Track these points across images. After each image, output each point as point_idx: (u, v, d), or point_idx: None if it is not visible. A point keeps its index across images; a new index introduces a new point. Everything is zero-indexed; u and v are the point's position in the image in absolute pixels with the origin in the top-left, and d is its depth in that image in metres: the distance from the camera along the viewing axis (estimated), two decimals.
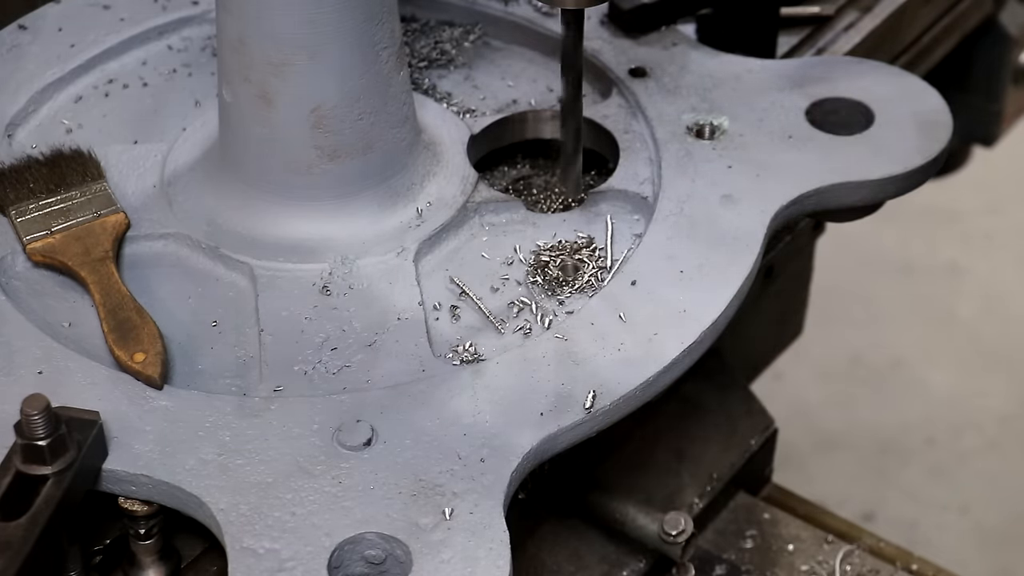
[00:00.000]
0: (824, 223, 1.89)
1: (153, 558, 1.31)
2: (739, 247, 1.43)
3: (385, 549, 1.19)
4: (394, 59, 1.45)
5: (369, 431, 1.26)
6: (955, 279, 3.36)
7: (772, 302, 1.86)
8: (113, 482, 1.25)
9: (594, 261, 1.45)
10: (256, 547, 1.18)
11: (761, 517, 1.69)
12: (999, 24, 2.16)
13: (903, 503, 2.90)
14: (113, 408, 1.27)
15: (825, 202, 1.51)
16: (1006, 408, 3.08)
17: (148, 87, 1.67)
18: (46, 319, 1.40)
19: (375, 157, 1.47)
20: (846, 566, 1.64)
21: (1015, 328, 3.23)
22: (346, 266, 1.44)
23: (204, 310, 1.43)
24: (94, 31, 1.69)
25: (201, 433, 1.26)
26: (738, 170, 1.50)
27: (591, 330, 1.35)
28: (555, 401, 1.28)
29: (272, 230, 1.46)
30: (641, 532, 1.54)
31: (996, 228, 3.47)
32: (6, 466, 1.19)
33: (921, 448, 3.02)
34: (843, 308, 3.21)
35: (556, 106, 1.63)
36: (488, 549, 1.18)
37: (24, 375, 1.31)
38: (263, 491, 1.22)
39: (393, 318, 1.40)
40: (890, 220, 2.17)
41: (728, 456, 1.70)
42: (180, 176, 1.52)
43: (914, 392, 3.12)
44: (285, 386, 1.34)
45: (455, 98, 1.64)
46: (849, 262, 3.15)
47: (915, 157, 1.52)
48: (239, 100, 1.44)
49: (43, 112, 1.64)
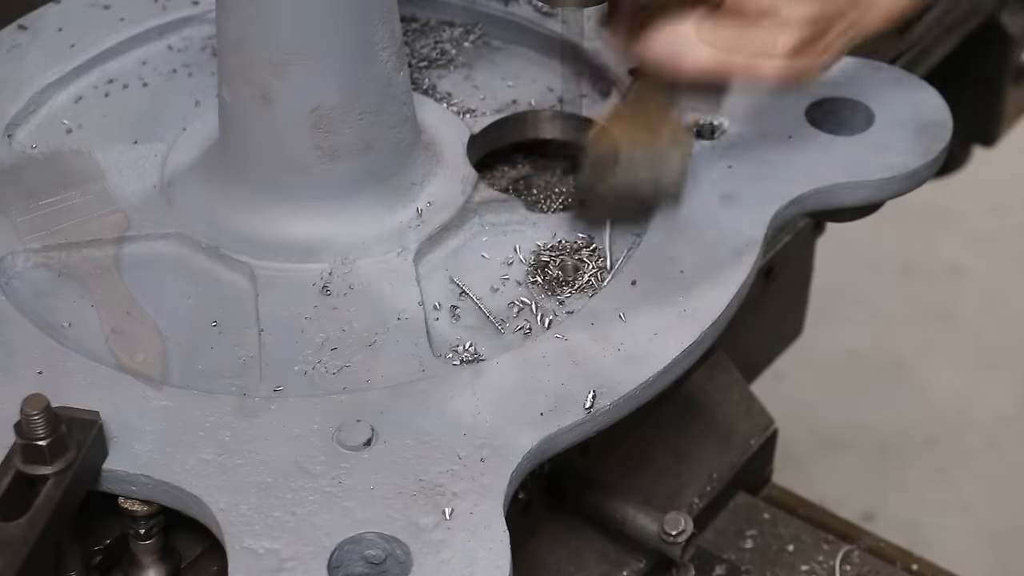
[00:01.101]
0: (824, 223, 1.89)
1: (153, 558, 1.31)
2: (739, 247, 1.43)
3: (385, 549, 1.19)
4: (394, 59, 1.45)
5: (369, 431, 1.26)
6: (955, 279, 3.36)
7: (772, 302, 1.86)
8: (113, 482, 1.25)
9: (594, 261, 1.45)
10: (256, 547, 1.18)
11: (761, 517, 1.69)
12: (999, 24, 2.16)
13: (903, 503, 2.90)
14: (113, 408, 1.27)
15: (825, 202, 1.51)
16: (1006, 408, 3.08)
17: (148, 87, 1.67)
18: (46, 319, 1.40)
19: (375, 157, 1.47)
20: (846, 566, 1.64)
21: (1015, 328, 3.23)
22: (346, 266, 1.44)
23: (204, 310, 1.43)
24: (94, 31, 1.69)
25: (201, 433, 1.26)
26: (738, 170, 1.50)
27: (591, 330, 1.35)
28: (555, 401, 1.28)
29: (272, 230, 1.46)
30: (641, 532, 1.54)
31: (996, 228, 3.47)
32: (6, 466, 1.19)
33: (921, 448, 3.02)
34: (843, 308, 3.21)
35: (556, 106, 1.63)
36: (488, 549, 1.18)
37: (24, 375, 1.31)
38: (263, 491, 1.22)
39: (393, 318, 1.40)
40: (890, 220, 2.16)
41: (728, 456, 1.70)
42: (180, 176, 1.52)
43: (914, 392, 3.12)
44: (285, 386, 1.34)
45: (455, 98, 1.64)
46: (849, 262, 3.15)
47: (915, 157, 1.52)
48: (239, 100, 1.44)
49: (43, 112, 1.64)
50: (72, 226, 1.46)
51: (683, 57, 1.31)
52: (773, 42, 1.30)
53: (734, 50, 1.30)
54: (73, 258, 1.46)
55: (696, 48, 1.30)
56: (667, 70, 1.33)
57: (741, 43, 1.30)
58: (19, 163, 1.55)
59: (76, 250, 1.46)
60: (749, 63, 1.31)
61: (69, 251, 1.46)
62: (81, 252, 1.46)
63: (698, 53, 1.30)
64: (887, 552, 1.68)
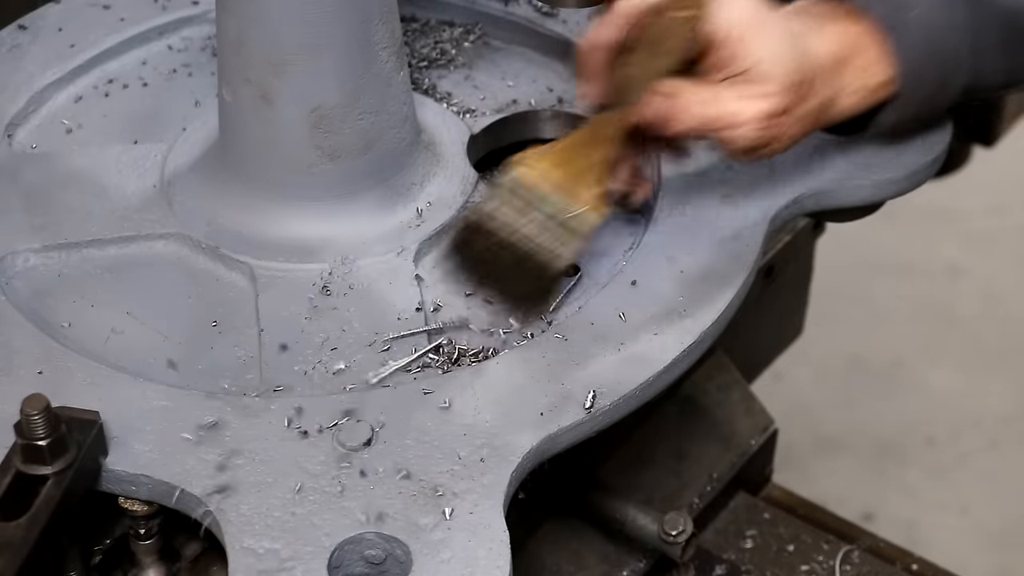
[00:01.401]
0: (824, 223, 1.89)
1: (153, 558, 1.31)
2: (739, 247, 1.43)
3: (385, 549, 1.19)
4: (394, 59, 1.45)
5: (369, 431, 1.25)
6: (955, 279, 3.36)
7: (772, 302, 1.86)
8: (113, 482, 1.25)
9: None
10: (256, 547, 1.18)
11: (761, 517, 1.69)
12: None
13: (903, 503, 2.90)
14: (113, 408, 1.27)
15: (825, 202, 1.51)
16: (1006, 408, 3.08)
17: (148, 87, 1.67)
18: (46, 319, 1.40)
19: (375, 157, 1.47)
20: (846, 566, 1.64)
21: (1015, 328, 3.23)
22: (346, 266, 1.44)
23: (204, 310, 1.43)
24: (94, 31, 1.69)
25: (201, 433, 1.26)
26: (738, 170, 1.50)
27: (591, 330, 1.35)
28: (555, 401, 1.28)
29: (272, 230, 1.46)
30: (641, 532, 1.54)
31: (996, 228, 3.47)
32: (6, 466, 1.19)
33: (921, 448, 3.02)
34: (843, 308, 3.21)
35: (556, 106, 1.63)
36: (488, 549, 1.18)
37: (24, 375, 1.31)
38: (263, 491, 1.22)
39: (393, 318, 1.40)
40: (890, 220, 2.16)
41: (728, 456, 1.70)
42: (180, 176, 1.52)
43: (914, 392, 3.12)
44: (285, 386, 1.34)
45: (455, 98, 1.64)
46: (849, 262, 3.15)
47: (915, 157, 1.52)
48: (239, 100, 1.44)
49: (43, 112, 1.64)
50: (72, 226, 1.46)
51: (675, 118, 1.34)
52: (747, 111, 1.33)
53: (713, 117, 1.34)
54: (73, 258, 1.46)
55: (688, 110, 1.34)
56: (658, 128, 1.36)
57: (720, 109, 1.34)
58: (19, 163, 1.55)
59: (76, 250, 1.46)
60: (726, 129, 1.34)
61: (69, 251, 1.46)
62: (81, 252, 1.47)
63: (688, 116, 1.34)
64: (887, 552, 1.68)
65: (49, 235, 1.47)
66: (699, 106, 1.33)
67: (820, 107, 1.38)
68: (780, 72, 1.33)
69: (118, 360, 1.36)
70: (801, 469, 2.87)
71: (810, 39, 1.37)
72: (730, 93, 1.33)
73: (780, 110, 1.34)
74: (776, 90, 1.33)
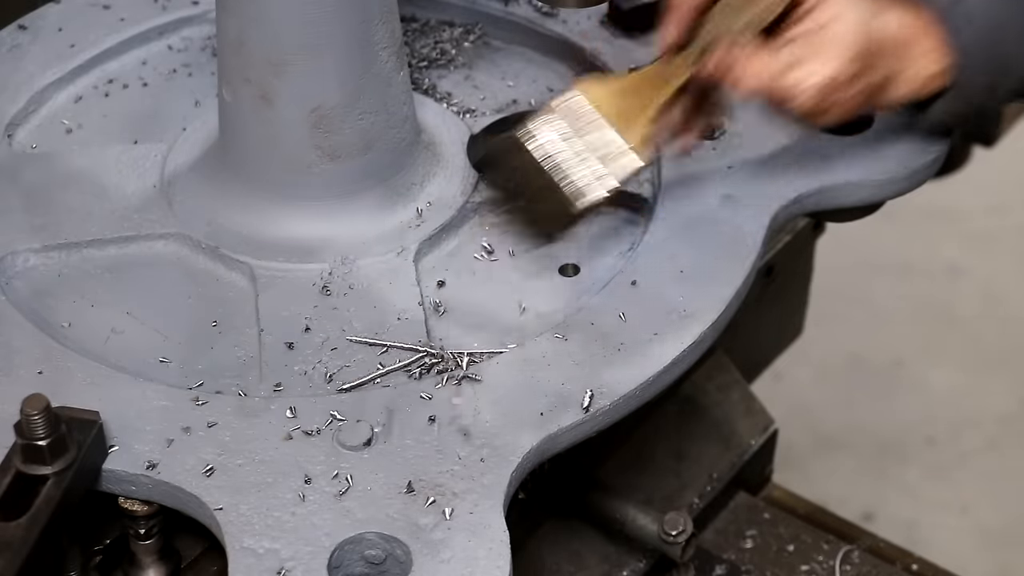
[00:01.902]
0: (824, 223, 1.89)
1: (153, 558, 1.31)
2: (739, 247, 1.43)
3: (385, 549, 1.19)
4: (394, 59, 1.45)
5: (369, 431, 1.26)
6: (955, 279, 3.36)
7: (772, 302, 1.86)
8: (113, 482, 1.25)
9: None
10: (256, 547, 1.18)
11: (761, 517, 1.69)
12: None
13: (903, 503, 2.90)
14: (113, 408, 1.27)
15: (825, 202, 1.51)
16: (1006, 408, 3.07)
17: (148, 87, 1.67)
18: (46, 319, 1.40)
19: (375, 157, 1.47)
20: (846, 566, 1.64)
21: (1015, 328, 3.23)
22: (346, 266, 1.44)
23: (204, 310, 1.43)
24: (94, 31, 1.69)
25: (201, 433, 1.26)
26: (738, 170, 1.50)
27: (591, 330, 1.35)
28: (555, 401, 1.28)
29: (272, 230, 1.46)
30: (641, 532, 1.55)
31: (996, 228, 3.47)
32: (6, 466, 1.19)
33: (921, 448, 3.02)
34: (843, 308, 3.21)
35: None
36: (488, 549, 1.18)
37: (24, 375, 1.31)
38: (263, 491, 1.22)
39: (393, 318, 1.40)
40: (890, 220, 2.16)
41: (728, 456, 1.70)
42: (180, 176, 1.52)
43: (914, 392, 3.11)
44: (285, 386, 1.34)
45: (455, 98, 1.64)
46: (849, 262, 3.15)
47: (915, 157, 1.52)
48: (239, 100, 1.44)
49: (43, 112, 1.64)
50: (72, 226, 1.46)
51: (742, 77, 1.36)
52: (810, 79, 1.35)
53: (777, 77, 1.36)
54: (73, 258, 1.46)
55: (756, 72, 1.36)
56: (722, 82, 1.38)
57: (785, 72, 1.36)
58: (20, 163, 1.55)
59: (76, 250, 1.46)
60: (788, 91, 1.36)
61: (69, 251, 1.46)
62: (81, 252, 1.47)
63: (754, 77, 1.36)
64: (887, 552, 1.68)
65: (49, 235, 1.47)
66: (766, 70, 1.35)
67: (878, 85, 1.39)
68: (851, 38, 1.35)
69: (118, 360, 1.36)
70: (801, 469, 2.86)
71: (877, 19, 1.38)
72: (798, 56, 1.35)
73: (844, 78, 1.35)
74: (843, 54, 1.35)
